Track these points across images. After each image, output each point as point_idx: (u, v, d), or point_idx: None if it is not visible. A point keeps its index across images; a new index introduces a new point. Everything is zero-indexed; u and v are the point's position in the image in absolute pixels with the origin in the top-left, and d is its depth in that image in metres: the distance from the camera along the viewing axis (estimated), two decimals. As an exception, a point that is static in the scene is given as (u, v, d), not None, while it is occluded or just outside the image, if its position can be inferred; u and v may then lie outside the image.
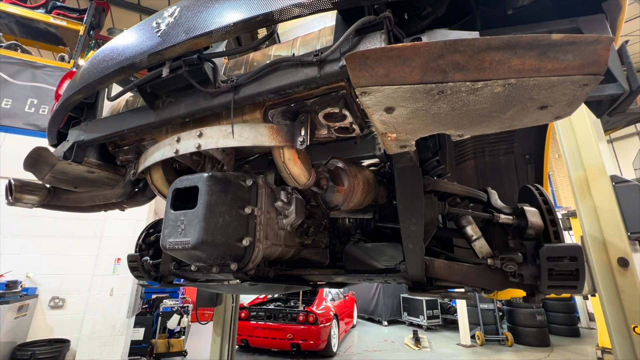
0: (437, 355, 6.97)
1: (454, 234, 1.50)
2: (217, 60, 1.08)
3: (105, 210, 1.80)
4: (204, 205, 1.04)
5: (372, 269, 1.50)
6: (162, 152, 1.18)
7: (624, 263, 2.40)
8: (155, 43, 1.02)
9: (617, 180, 2.58)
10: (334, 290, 8.10)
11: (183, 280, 1.67)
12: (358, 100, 0.71)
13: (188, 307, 6.75)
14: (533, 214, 1.27)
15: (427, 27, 0.93)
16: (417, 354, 7.03)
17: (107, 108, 1.46)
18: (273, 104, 1.06)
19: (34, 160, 1.38)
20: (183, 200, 1.10)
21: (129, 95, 1.45)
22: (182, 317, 6.35)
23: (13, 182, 1.47)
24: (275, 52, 1.09)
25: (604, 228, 2.55)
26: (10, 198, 1.47)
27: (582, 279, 1.13)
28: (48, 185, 1.59)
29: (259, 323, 6.55)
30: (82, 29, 5.25)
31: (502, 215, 1.30)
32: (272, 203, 1.27)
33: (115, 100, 1.46)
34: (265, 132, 1.02)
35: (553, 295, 1.33)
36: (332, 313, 6.96)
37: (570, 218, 5.19)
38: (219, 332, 4.73)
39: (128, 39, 1.15)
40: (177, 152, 1.13)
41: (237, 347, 6.10)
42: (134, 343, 5.12)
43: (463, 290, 1.85)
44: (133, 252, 1.78)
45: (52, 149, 1.46)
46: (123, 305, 4.67)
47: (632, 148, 12.17)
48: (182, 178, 1.12)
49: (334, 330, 6.97)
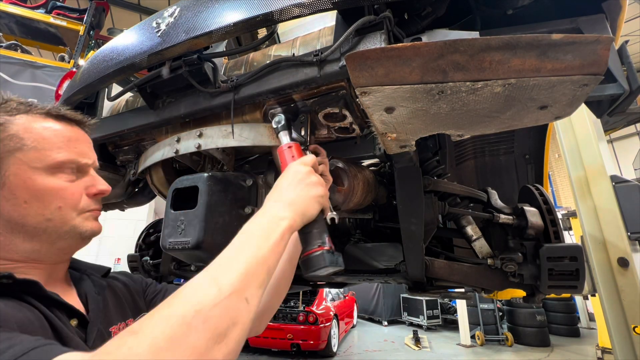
0: (437, 355, 6.98)
1: (454, 234, 1.50)
2: (217, 60, 1.08)
3: (105, 210, 1.79)
4: (204, 205, 1.04)
5: (372, 269, 1.50)
6: (162, 152, 1.18)
7: (624, 263, 2.40)
8: (155, 43, 1.02)
9: (617, 180, 2.58)
10: (334, 290, 8.10)
11: (183, 280, 1.67)
12: (358, 100, 0.71)
13: (188, 307, 6.75)
14: (533, 214, 1.27)
15: (427, 27, 0.93)
16: (417, 354, 7.04)
17: (107, 108, 1.46)
18: (273, 104, 1.06)
19: (34, 160, 1.38)
20: (183, 200, 1.10)
21: (129, 95, 1.45)
22: (182, 317, 6.35)
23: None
24: (275, 52, 1.09)
25: (604, 228, 2.55)
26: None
27: (582, 279, 1.13)
28: (48, 185, 1.59)
29: (259, 323, 6.54)
30: (82, 29, 5.25)
31: (502, 215, 1.30)
32: (272, 203, 1.26)
33: (115, 100, 1.46)
34: (265, 132, 1.02)
35: (553, 295, 1.33)
36: (332, 313, 6.96)
37: (570, 218, 5.20)
38: (219, 332, 4.72)
39: (128, 39, 1.15)
40: (177, 152, 1.13)
41: (237, 347, 6.09)
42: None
43: (463, 290, 1.85)
44: (133, 252, 1.78)
45: (52, 149, 1.46)
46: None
47: (632, 148, 12.18)
48: (182, 178, 1.12)
49: (334, 330, 6.98)
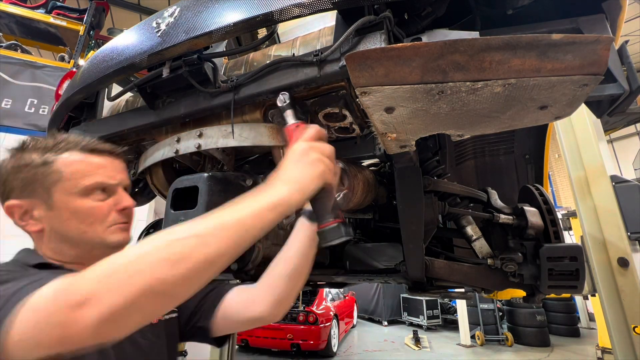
0: (437, 355, 6.98)
1: (454, 234, 1.50)
2: (217, 60, 1.08)
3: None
4: (204, 205, 1.04)
5: (372, 269, 1.50)
6: (162, 152, 1.18)
7: (624, 263, 2.40)
8: (155, 43, 1.02)
9: (617, 180, 2.58)
10: (334, 290, 8.10)
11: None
12: (358, 100, 0.71)
13: (188, 307, 6.74)
14: (533, 214, 1.27)
15: (427, 27, 0.93)
16: (417, 354, 7.04)
17: (107, 108, 1.46)
18: (273, 104, 1.06)
19: (34, 160, 1.38)
20: (183, 200, 1.10)
21: (129, 95, 1.45)
22: (182, 317, 6.35)
23: (13, 182, 1.47)
24: (275, 52, 1.09)
25: (604, 228, 2.55)
26: (10, 198, 1.47)
27: (582, 279, 1.13)
28: (48, 185, 1.59)
29: (259, 323, 6.54)
30: (82, 29, 5.25)
31: (502, 215, 1.30)
32: (272, 203, 1.26)
33: (115, 100, 1.46)
34: (265, 131, 1.02)
35: (553, 295, 1.33)
36: (332, 313, 6.96)
37: (570, 218, 5.19)
38: (219, 332, 4.72)
39: (128, 39, 1.15)
40: (177, 152, 1.13)
41: (237, 347, 6.10)
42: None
43: (463, 290, 1.85)
44: (133, 252, 1.77)
45: (52, 149, 1.46)
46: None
47: (632, 148, 12.18)
48: (182, 178, 1.12)
49: (334, 330, 6.98)
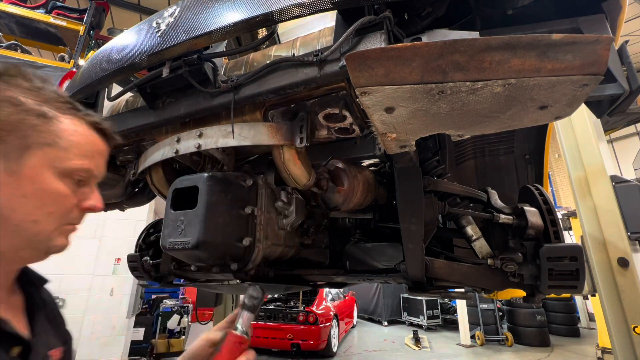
0: (437, 355, 6.97)
1: (454, 234, 1.49)
2: (217, 61, 1.08)
3: (105, 210, 1.79)
4: (204, 205, 1.04)
5: (372, 269, 1.50)
6: (162, 152, 1.18)
7: (624, 263, 2.40)
8: (155, 43, 1.02)
9: (617, 180, 2.58)
10: (334, 290, 8.10)
11: (183, 280, 1.67)
12: (358, 101, 0.71)
13: (188, 307, 6.76)
14: (533, 214, 1.27)
15: (427, 27, 0.93)
16: (417, 354, 7.04)
17: (107, 108, 1.46)
18: (273, 104, 1.06)
19: (34, 160, 1.38)
20: (183, 200, 1.10)
21: (129, 95, 1.45)
22: (182, 317, 6.35)
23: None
24: (275, 52, 1.09)
25: (604, 228, 2.55)
26: (10, 198, 1.47)
27: (582, 279, 1.13)
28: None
29: (259, 323, 6.55)
30: (82, 29, 5.25)
31: (502, 215, 1.30)
32: (272, 203, 1.27)
33: (115, 100, 1.46)
34: (265, 130, 1.02)
35: (553, 295, 1.33)
36: (332, 313, 6.96)
37: (570, 218, 5.20)
38: (219, 332, 4.72)
39: (128, 39, 1.15)
40: (177, 152, 1.13)
41: (237, 347, 6.09)
42: (134, 343, 5.12)
43: (463, 290, 1.85)
44: (133, 252, 1.77)
45: (52, 149, 1.46)
46: (123, 306, 4.67)
47: (632, 148, 12.18)
48: (182, 178, 1.12)
49: (334, 330, 6.97)
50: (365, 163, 1.59)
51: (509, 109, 0.69)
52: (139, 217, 4.95)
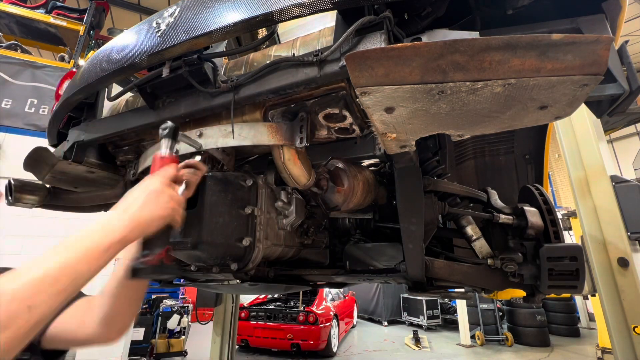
0: (437, 355, 6.97)
1: (454, 234, 1.49)
2: (217, 61, 1.08)
3: (105, 211, 1.79)
4: (204, 205, 1.04)
5: (372, 269, 1.50)
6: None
7: (624, 263, 2.40)
8: (155, 43, 1.02)
9: (617, 180, 2.58)
10: (334, 290, 8.10)
11: (183, 280, 1.67)
12: (358, 101, 0.71)
13: (188, 307, 6.75)
14: (533, 214, 1.27)
15: (427, 27, 0.93)
16: (417, 354, 7.04)
17: (107, 108, 1.46)
18: (273, 105, 1.06)
19: (34, 160, 1.38)
20: (183, 200, 1.10)
21: (129, 95, 1.45)
22: (182, 317, 6.35)
23: (13, 182, 1.47)
24: (276, 52, 1.09)
25: (604, 228, 2.55)
26: (10, 198, 1.47)
27: (582, 279, 1.13)
28: (48, 185, 1.59)
29: (259, 323, 6.55)
30: (82, 29, 5.25)
31: (502, 215, 1.30)
32: (272, 203, 1.27)
33: (115, 100, 1.46)
34: (265, 130, 1.02)
35: (553, 295, 1.33)
36: (332, 313, 6.96)
37: (570, 218, 5.19)
38: (219, 332, 4.73)
39: (128, 39, 1.15)
40: (177, 152, 1.13)
41: (237, 347, 6.10)
42: (134, 343, 5.12)
43: (463, 290, 1.85)
44: (133, 252, 1.77)
45: (52, 149, 1.46)
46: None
47: (632, 148, 12.18)
48: (182, 178, 1.12)
49: (334, 330, 6.97)
50: (365, 163, 1.59)
51: (509, 109, 0.69)
52: (139, 217, 4.94)
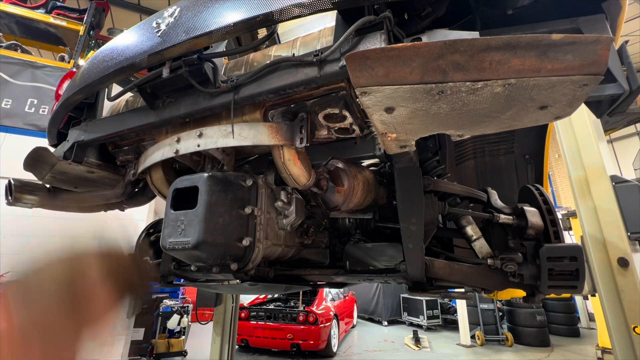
0: (437, 355, 6.97)
1: (454, 234, 1.49)
2: (217, 61, 1.08)
3: (105, 210, 1.80)
4: (204, 205, 1.04)
5: (372, 269, 1.50)
6: (162, 152, 1.18)
7: (624, 263, 2.40)
8: (155, 43, 1.02)
9: (617, 180, 2.58)
10: (334, 290, 8.09)
11: (183, 280, 1.67)
12: (358, 101, 0.71)
13: (188, 307, 6.75)
14: (533, 214, 1.27)
15: (427, 27, 0.93)
16: (417, 354, 7.03)
17: (107, 108, 1.46)
18: (273, 105, 1.06)
19: (34, 160, 1.38)
20: (183, 200, 1.10)
21: (129, 95, 1.45)
22: (182, 317, 6.35)
23: (13, 182, 1.47)
24: (276, 52, 1.09)
25: (604, 228, 2.55)
26: (10, 198, 1.47)
27: (582, 279, 1.13)
28: (48, 185, 1.59)
29: (259, 323, 6.55)
30: (82, 29, 5.25)
31: (502, 215, 1.30)
32: (272, 203, 1.27)
33: (115, 100, 1.46)
34: (265, 130, 1.02)
35: (553, 295, 1.32)
36: (332, 313, 6.95)
37: (570, 218, 5.19)
38: (219, 332, 4.73)
39: (128, 39, 1.15)
40: (177, 152, 1.13)
41: (237, 347, 6.10)
42: (134, 343, 5.12)
43: (463, 290, 1.85)
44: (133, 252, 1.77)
45: (52, 149, 1.46)
46: (123, 306, 4.66)
47: (632, 148, 12.18)
48: (182, 178, 1.12)
49: (334, 330, 6.97)
50: (365, 163, 1.59)
51: (509, 109, 0.69)
52: (139, 217, 4.94)
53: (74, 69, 4.29)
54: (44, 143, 1.49)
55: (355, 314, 9.98)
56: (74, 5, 7.00)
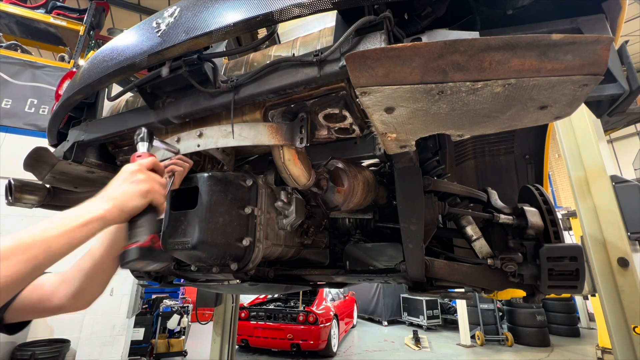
0: (437, 355, 6.97)
1: (454, 234, 1.50)
2: (217, 61, 1.08)
3: (105, 210, 1.79)
4: (204, 205, 1.04)
5: (372, 269, 1.50)
6: (161, 152, 1.18)
7: (624, 263, 2.40)
8: (155, 43, 1.02)
9: (617, 180, 2.58)
10: (334, 290, 8.10)
11: (183, 280, 1.67)
12: (358, 101, 0.71)
13: (188, 307, 6.76)
14: (533, 214, 1.27)
15: (427, 27, 0.93)
16: (417, 354, 7.04)
17: (107, 108, 1.46)
18: (273, 105, 1.06)
19: (34, 160, 1.38)
20: (183, 200, 1.10)
21: (129, 95, 1.45)
22: (182, 317, 6.35)
23: (13, 182, 1.47)
24: (276, 52, 1.09)
25: (604, 228, 2.55)
26: (10, 198, 1.47)
27: (582, 279, 1.13)
28: (48, 185, 1.59)
29: (259, 323, 6.56)
30: (82, 29, 5.26)
31: (502, 215, 1.30)
32: (272, 203, 1.27)
33: (115, 100, 1.46)
34: (265, 130, 1.02)
35: (553, 295, 1.33)
36: (332, 313, 6.96)
37: (570, 218, 5.19)
38: (219, 332, 4.73)
39: (128, 39, 1.15)
40: (177, 152, 1.13)
41: (237, 347, 6.10)
42: (134, 343, 5.12)
43: (463, 290, 1.85)
44: (133, 252, 1.77)
45: (52, 149, 1.46)
46: (123, 306, 4.67)
47: (632, 148, 12.19)
48: (182, 178, 1.12)
49: (334, 330, 6.97)
50: (365, 163, 1.59)
51: (509, 109, 0.69)
52: (139, 217, 4.95)
53: (74, 69, 4.29)
54: (44, 143, 1.49)
55: (355, 314, 9.98)
56: (74, 5, 7.00)
